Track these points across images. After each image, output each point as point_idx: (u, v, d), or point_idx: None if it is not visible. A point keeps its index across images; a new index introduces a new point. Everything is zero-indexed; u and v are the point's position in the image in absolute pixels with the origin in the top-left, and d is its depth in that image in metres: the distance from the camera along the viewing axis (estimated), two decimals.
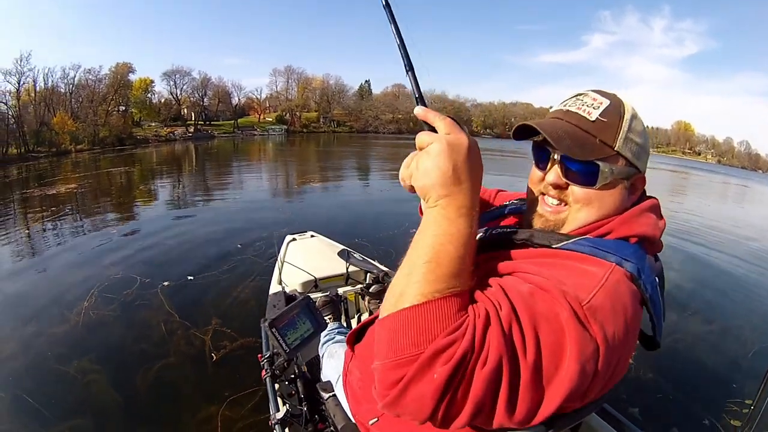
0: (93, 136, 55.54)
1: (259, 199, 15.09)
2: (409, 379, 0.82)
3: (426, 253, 0.90)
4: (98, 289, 6.25)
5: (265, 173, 24.71)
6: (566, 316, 0.87)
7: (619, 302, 0.95)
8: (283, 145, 56.42)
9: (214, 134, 77.99)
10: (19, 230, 10.81)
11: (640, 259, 1.07)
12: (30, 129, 48.99)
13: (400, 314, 0.87)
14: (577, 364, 0.85)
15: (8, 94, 50.10)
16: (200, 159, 36.38)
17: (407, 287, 0.89)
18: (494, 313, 0.87)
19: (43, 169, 29.09)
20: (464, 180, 0.93)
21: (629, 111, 1.14)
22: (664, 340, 2.64)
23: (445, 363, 0.80)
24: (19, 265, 7.97)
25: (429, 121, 1.00)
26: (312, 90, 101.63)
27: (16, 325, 5.34)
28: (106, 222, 11.31)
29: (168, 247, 8.47)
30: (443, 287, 0.87)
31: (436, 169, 0.93)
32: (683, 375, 4.71)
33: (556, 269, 1.00)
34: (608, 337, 0.89)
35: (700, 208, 20.77)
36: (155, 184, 20.93)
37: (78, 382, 4.17)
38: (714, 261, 10.09)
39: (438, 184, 0.93)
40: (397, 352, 0.85)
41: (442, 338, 0.82)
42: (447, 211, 0.93)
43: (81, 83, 63.08)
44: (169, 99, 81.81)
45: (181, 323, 5.23)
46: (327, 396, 1.87)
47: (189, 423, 3.63)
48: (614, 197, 1.15)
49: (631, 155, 1.13)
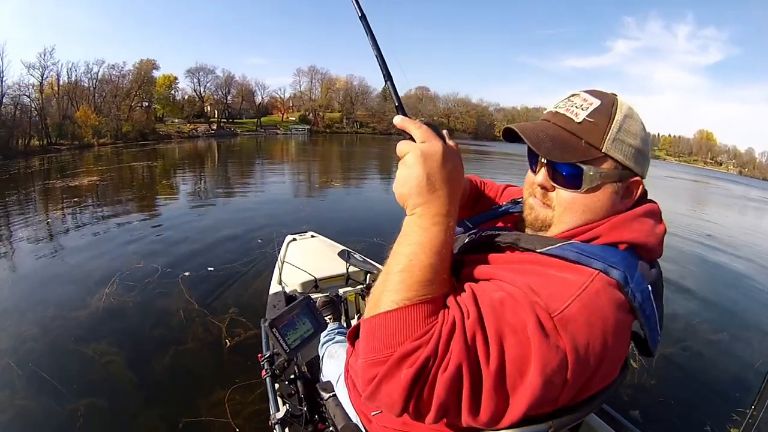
0: (116, 130, 56.44)
1: (281, 197, 15.18)
2: (381, 378, 0.89)
3: (400, 262, 0.95)
4: (120, 276, 6.38)
5: (287, 172, 24.78)
6: (532, 328, 0.88)
7: (597, 312, 0.94)
8: (305, 144, 56.62)
9: (236, 132, 78.89)
10: (42, 219, 11.04)
11: (629, 266, 1.04)
12: (53, 122, 49.91)
13: (376, 318, 0.93)
14: (540, 376, 0.86)
15: (31, 87, 51.14)
16: (223, 156, 36.72)
17: (382, 294, 0.94)
18: (460, 320, 0.90)
19: (65, 162, 29.66)
20: (439, 187, 0.97)
21: (622, 111, 1.11)
22: (669, 343, 2.59)
23: (410, 366, 0.86)
24: (43, 252, 8.12)
25: (407, 130, 1.03)
26: (335, 90, 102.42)
27: (38, 309, 5.43)
28: (129, 214, 11.46)
29: (190, 240, 8.58)
30: (413, 295, 0.91)
31: (411, 178, 0.97)
32: (685, 378, 4.69)
33: (535, 277, 1.00)
34: (579, 347, 0.90)
35: (714, 216, 20.56)
36: (178, 179, 21.14)
37: (96, 363, 4.26)
38: (724, 267, 10.08)
39: (413, 193, 0.97)
40: (373, 353, 0.91)
41: (409, 343, 0.88)
42: (422, 219, 0.97)
43: (104, 78, 64.42)
44: (193, 96, 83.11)
45: (200, 311, 5.32)
46: (327, 396, 1.88)
47: (201, 405, 3.67)
48: (602, 201, 1.12)
49: (622, 157, 1.09)
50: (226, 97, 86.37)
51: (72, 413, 3.58)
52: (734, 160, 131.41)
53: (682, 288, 7.73)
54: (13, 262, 7.49)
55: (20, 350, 4.47)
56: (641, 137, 1.12)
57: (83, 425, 3.46)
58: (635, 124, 1.11)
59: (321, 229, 5.05)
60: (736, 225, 18.56)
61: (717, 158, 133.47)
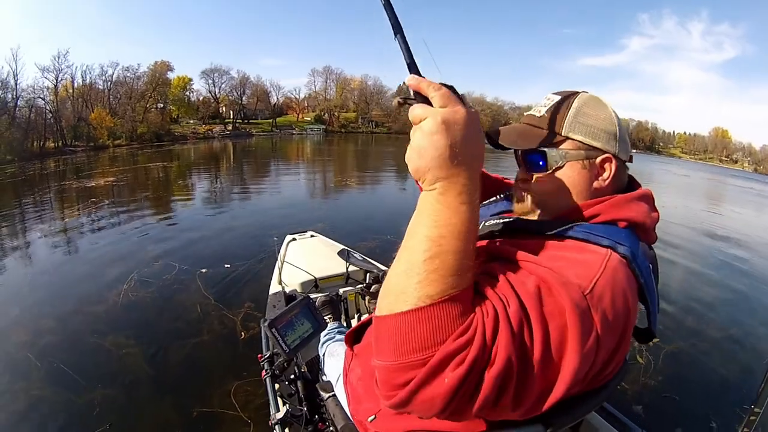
0: (131, 132, 57.00)
1: (296, 196, 15.27)
2: (418, 383, 0.81)
3: (427, 248, 0.84)
4: (138, 273, 6.52)
5: (303, 172, 24.82)
6: (570, 309, 0.86)
7: (619, 288, 0.96)
8: (321, 144, 56.61)
9: (252, 132, 79.05)
10: (60, 218, 11.25)
11: (633, 243, 1.09)
12: (68, 124, 50.43)
13: (404, 316, 0.83)
14: (579, 354, 0.86)
15: (46, 89, 51.74)
16: (238, 156, 36.84)
17: (408, 287, 0.84)
18: (502, 310, 0.85)
19: (80, 163, 29.94)
20: (463, 160, 0.85)
21: (581, 99, 1.21)
22: (670, 340, 2.58)
23: (457, 367, 0.79)
24: (61, 250, 8.34)
25: (422, 91, 0.90)
26: (350, 90, 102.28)
27: (56, 304, 5.57)
28: (146, 213, 11.60)
29: (206, 238, 8.72)
30: (447, 287, 0.82)
31: (430, 148, 0.85)
32: (686, 376, 4.66)
33: (556, 259, 1.00)
34: (608, 324, 0.91)
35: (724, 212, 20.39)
36: (194, 179, 21.31)
37: (113, 355, 4.37)
38: (729, 263, 10.00)
39: (434, 165, 0.85)
40: (404, 355, 0.82)
41: (452, 341, 0.80)
42: (446, 197, 0.85)
43: (119, 80, 64.84)
44: (208, 97, 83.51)
45: (216, 306, 5.44)
46: (327, 396, 1.89)
47: (213, 396, 3.75)
48: (572, 178, 1.19)
49: (582, 136, 1.18)
50: (241, 98, 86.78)
51: (89, 403, 3.67)
52: (749, 158, 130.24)
53: (685, 284, 7.77)
54: (32, 259, 7.64)
55: (38, 343, 4.58)
56: (605, 118, 1.20)
57: (100, 413, 3.55)
58: (597, 109, 1.21)
59: (336, 228, 5.09)
60: (747, 221, 18.43)
61: (732, 156, 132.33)
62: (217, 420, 3.51)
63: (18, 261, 7.63)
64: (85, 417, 3.52)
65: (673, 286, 7.56)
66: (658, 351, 4.90)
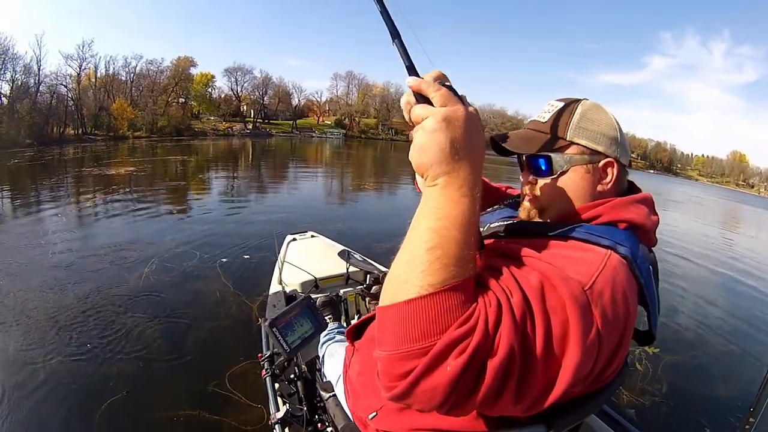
0: (151, 124, 57.75)
1: (315, 197, 15.44)
2: (420, 372, 0.82)
3: (430, 239, 0.86)
4: (159, 259, 6.66)
5: (321, 174, 25.01)
6: (571, 304, 0.88)
7: (619, 286, 0.98)
8: (340, 148, 56.76)
9: (272, 132, 79.97)
10: (81, 203, 11.48)
11: (633, 245, 1.11)
12: (89, 112, 51.07)
13: (407, 305, 0.84)
14: (580, 349, 0.87)
15: (69, 77, 52.34)
16: (257, 155, 37.17)
17: (411, 276, 0.85)
18: (506, 301, 0.87)
19: (100, 151, 30.41)
20: (464, 155, 0.90)
21: (584, 105, 1.25)
22: (669, 346, 2.54)
23: (459, 355, 0.80)
24: (82, 232, 8.52)
25: (423, 92, 0.95)
26: (372, 96, 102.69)
27: (78, 285, 5.66)
28: (166, 203, 11.83)
29: (226, 230, 8.89)
30: (449, 276, 0.84)
31: (432, 145, 0.89)
32: (684, 381, 4.69)
33: (557, 258, 1.02)
34: (608, 320, 0.93)
35: None
36: (214, 174, 21.58)
37: (132, 333, 4.49)
38: (727, 274, 10.29)
39: (436, 161, 0.89)
40: (405, 344, 0.83)
41: (454, 329, 0.81)
42: (448, 190, 0.89)
43: (142, 73, 65.57)
44: (229, 95, 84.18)
45: (234, 293, 5.59)
46: (327, 396, 1.87)
47: (225, 375, 3.83)
48: (576, 182, 1.23)
49: (586, 141, 1.22)
50: (263, 97, 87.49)
51: (106, 374, 3.82)
52: (766, 183, 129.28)
53: (679, 297, 7.81)
54: (54, 240, 7.71)
55: (60, 318, 4.70)
56: (607, 124, 1.24)
57: (116, 384, 3.67)
58: (599, 114, 1.25)
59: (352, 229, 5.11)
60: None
61: (749, 180, 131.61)
62: (227, 402, 3.56)
63: (40, 241, 7.73)
64: (103, 386, 3.65)
65: (677, 298, 7.66)
66: (658, 360, 4.94)
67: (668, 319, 6.43)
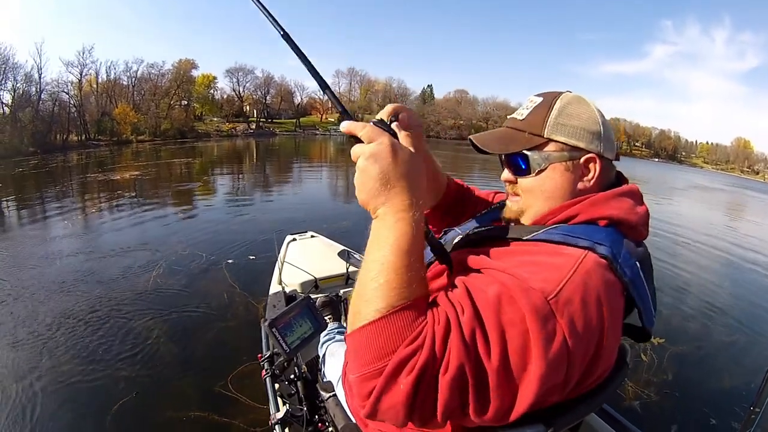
0: (154, 128, 57.57)
1: (319, 195, 15.58)
2: (379, 392, 0.86)
3: (372, 269, 0.93)
4: (166, 262, 6.74)
5: (326, 171, 25.05)
6: (530, 315, 0.88)
7: (591, 291, 0.96)
8: (344, 145, 56.65)
9: (275, 132, 79.58)
10: (87, 208, 11.59)
11: (614, 243, 1.08)
12: (91, 118, 51.05)
13: (361, 331, 0.90)
14: (543, 363, 0.87)
15: (70, 84, 52.32)
16: (261, 155, 37.21)
17: (361, 305, 0.92)
18: (454, 318, 0.90)
19: (104, 156, 30.46)
20: (395, 183, 0.96)
21: (563, 99, 1.22)
22: (670, 343, 2.52)
23: (409, 373, 0.84)
24: (88, 237, 8.66)
25: (354, 134, 1.03)
26: (374, 93, 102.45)
27: (86, 288, 5.76)
28: (171, 206, 11.94)
29: (231, 231, 8.97)
30: (395, 301, 0.89)
31: (366, 182, 0.98)
32: (685, 378, 4.66)
33: (526, 265, 1.02)
34: (578, 328, 0.92)
35: None
36: (218, 176, 21.62)
37: (140, 336, 4.58)
38: (731, 268, 10.18)
39: (372, 195, 0.97)
40: (365, 367, 0.88)
41: (403, 349, 0.86)
42: (386, 219, 0.96)
43: (143, 77, 65.37)
44: (232, 96, 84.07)
45: (241, 293, 5.67)
46: (327, 396, 1.90)
47: (232, 375, 3.88)
48: (556, 180, 1.21)
49: (565, 137, 1.19)
50: (265, 97, 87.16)
51: (115, 376, 3.90)
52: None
53: (684, 288, 7.86)
54: (61, 248, 7.75)
55: (68, 322, 4.78)
56: (588, 118, 1.21)
57: (126, 386, 3.74)
58: (579, 109, 1.21)
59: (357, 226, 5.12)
60: None
61: (754, 167, 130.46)
62: (233, 403, 3.60)
63: (48, 247, 7.81)
64: (112, 388, 3.71)
65: (682, 287, 7.72)
66: (664, 351, 4.96)
67: (674, 310, 6.48)
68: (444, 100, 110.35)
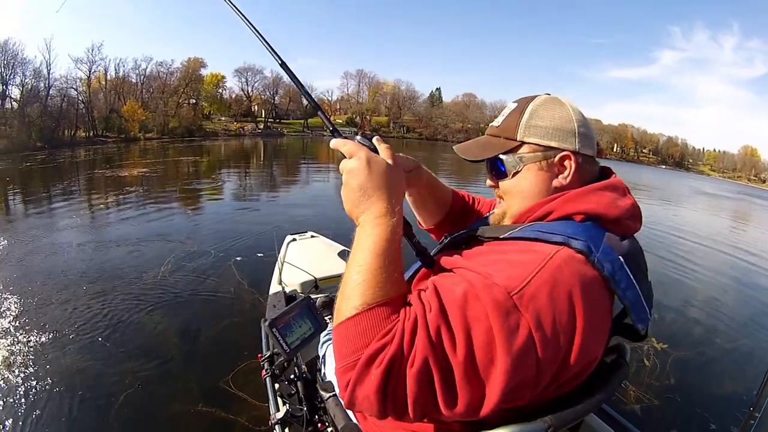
0: (162, 125, 58.16)
1: (327, 196, 15.34)
2: (354, 383, 0.93)
3: (352, 270, 1.03)
4: (174, 257, 6.78)
5: (333, 171, 25.10)
6: (492, 311, 0.91)
7: (561, 287, 0.96)
8: None
9: (283, 132, 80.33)
10: (95, 204, 11.68)
11: (591, 237, 1.07)
12: (99, 115, 51.52)
13: (340, 326, 0.99)
14: (508, 357, 0.89)
15: (79, 80, 52.94)
16: (269, 154, 37.49)
17: (341, 303, 1.02)
18: (422, 315, 0.95)
19: (111, 153, 30.75)
20: (373, 193, 1.11)
21: (535, 102, 1.27)
22: (669, 344, 2.47)
23: (378, 366, 0.91)
24: (97, 232, 8.74)
25: (339, 150, 1.19)
26: (383, 95, 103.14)
27: (96, 284, 5.77)
28: (180, 204, 12.03)
29: (241, 229, 9.00)
30: (370, 299, 0.98)
31: (349, 194, 1.13)
32: (685, 379, 4.67)
33: (497, 263, 1.04)
34: (545, 324, 0.93)
35: None
36: (225, 174, 21.80)
37: (147, 330, 4.63)
38: (730, 269, 10.31)
39: (354, 206, 1.12)
40: (343, 360, 0.96)
41: (375, 343, 0.93)
42: (366, 226, 1.09)
43: (152, 75, 66.09)
44: (240, 95, 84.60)
45: (249, 290, 5.69)
46: (327, 396, 1.90)
47: (236, 372, 3.89)
48: (530, 180, 1.25)
49: (536, 138, 1.23)
50: (274, 97, 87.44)
51: (121, 370, 3.91)
52: None
53: (690, 294, 7.86)
54: (69, 243, 7.78)
55: (75, 317, 4.80)
56: (560, 117, 1.24)
57: (132, 380, 3.76)
58: (551, 110, 1.25)
59: None
60: None
61: (761, 175, 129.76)
62: (236, 400, 3.60)
63: (56, 242, 7.84)
64: (117, 382, 3.73)
65: (688, 296, 7.69)
66: (667, 356, 4.96)
67: (678, 315, 6.50)
68: (452, 103, 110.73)
